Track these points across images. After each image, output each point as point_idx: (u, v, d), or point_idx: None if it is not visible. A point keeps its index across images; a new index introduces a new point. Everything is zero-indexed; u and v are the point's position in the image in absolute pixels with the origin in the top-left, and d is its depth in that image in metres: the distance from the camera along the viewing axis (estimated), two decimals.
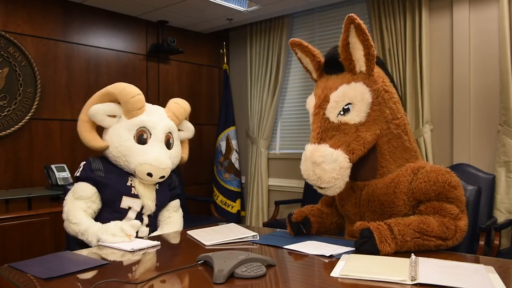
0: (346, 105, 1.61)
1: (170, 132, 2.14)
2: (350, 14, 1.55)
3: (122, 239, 1.75)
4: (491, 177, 3.11)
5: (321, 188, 1.62)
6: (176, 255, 1.69)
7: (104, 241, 1.75)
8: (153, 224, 2.12)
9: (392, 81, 1.75)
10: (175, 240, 1.94)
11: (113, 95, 2.05)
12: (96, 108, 2.02)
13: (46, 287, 1.23)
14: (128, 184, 2.03)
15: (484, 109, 3.26)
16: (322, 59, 1.76)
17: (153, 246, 1.69)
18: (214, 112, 4.97)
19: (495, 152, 3.15)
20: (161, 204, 2.15)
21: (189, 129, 2.37)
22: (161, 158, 2.01)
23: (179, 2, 3.75)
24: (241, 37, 4.88)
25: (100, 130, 2.12)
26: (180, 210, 2.34)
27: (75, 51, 3.79)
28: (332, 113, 1.62)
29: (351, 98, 1.60)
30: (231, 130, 4.76)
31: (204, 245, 1.69)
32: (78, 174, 2.03)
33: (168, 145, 2.13)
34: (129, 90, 2.03)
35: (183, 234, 1.94)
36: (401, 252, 1.47)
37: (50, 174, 3.20)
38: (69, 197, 2.00)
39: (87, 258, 1.54)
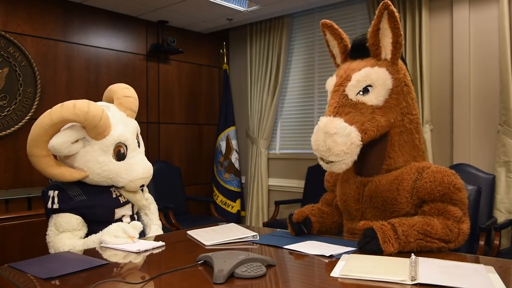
0: (366, 86, 1.63)
1: (137, 132, 2.05)
2: (385, 1, 1.58)
3: (125, 241, 1.74)
4: (491, 177, 3.11)
5: (327, 163, 1.62)
6: (176, 255, 1.69)
7: (107, 243, 1.73)
8: (140, 217, 2.14)
9: (411, 80, 1.78)
10: (175, 240, 1.94)
11: (73, 121, 1.79)
12: (60, 142, 1.77)
13: (46, 287, 1.23)
14: (114, 196, 1.97)
15: (484, 109, 3.26)
16: (349, 44, 1.79)
17: (158, 247, 1.69)
18: (214, 112, 4.97)
19: (495, 152, 3.15)
20: None
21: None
22: (147, 166, 1.95)
23: (179, 2, 3.75)
24: (241, 37, 4.88)
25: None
26: (146, 188, 2.26)
27: (75, 51, 3.79)
28: (352, 91, 1.64)
29: (372, 80, 1.62)
30: (231, 130, 4.77)
31: (204, 245, 1.69)
32: (56, 207, 1.83)
33: (138, 145, 2.03)
34: (94, 114, 1.78)
35: (183, 234, 1.94)
36: (403, 252, 1.46)
37: None
38: (52, 232, 1.83)
39: (87, 258, 1.54)
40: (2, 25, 3.35)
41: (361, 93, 1.63)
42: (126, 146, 1.93)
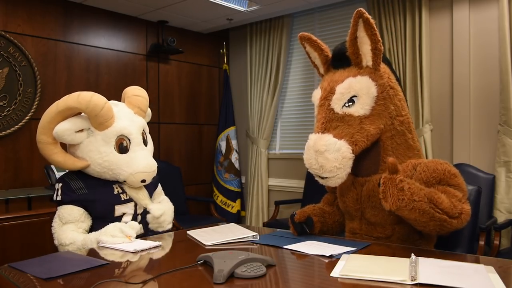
0: (351, 97, 1.63)
1: (143, 130, 2.08)
2: (359, 9, 1.58)
3: (122, 240, 1.75)
4: (491, 177, 3.11)
5: (322, 178, 1.62)
6: (176, 255, 1.69)
7: (104, 243, 1.74)
8: (144, 217, 2.11)
9: (397, 80, 1.77)
10: (175, 240, 1.94)
11: (77, 109, 1.87)
12: (63, 129, 1.84)
13: (46, 287, 1.23)
14: (116, 192, 1.99)
15: (484, 109, 3.26)
16: (330, 54, 1.79)
17: (154, 247, 1.69)
18: (214, 112, 4.97)
19: (495, 152, 3.15)
20: (152, 197, 2.17)
21: (149, 115, 2.28)
22: (150, 162, 1.98)
23: (179, 2, 3.75)
24: (241, 37, 4.88)
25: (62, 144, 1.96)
26: (163, 192, 2.33)
27: (75, 51, 3.79)
28: (337, 104, 1.64)
29: (356, 91, 1.62)
30: (231, 130, 4.76)
31: (204, 245, 1.69)
32: (59, 199, 1.92)
33: (145, 142, 2.07)
34: (95, 103, 1.85)
35: (183, 234, 1.94)
36: (401, 252, 1.46)
37: (50, 174, 3.19)
38: (56, 224, 1.91)
39: (87, 258, 1.54)
40: (2, 25, 3.35)
41: (346, 105, 1.63)
42: (129, 140, 1.96)
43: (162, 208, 2.10)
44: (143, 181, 1.97)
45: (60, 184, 1.95)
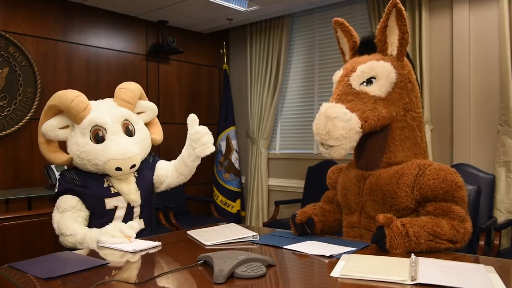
0: (370, 78, 1.67)
1: (126, 120, 2.06)
2: None
3: (121, 240, 1.75)
4: (491, 177, 3.11)
5: (326, 148, 1.64)
6: (176, 255, 1.69)
7: (104, 243, 1.75)
8: (146, 210, 2.11)
9: (416, 80, 1.80)
10: (175, 240, 1.94)
11: (54, 106, 1.98)
12: (46, 126, 1.97)
13: (46, 287, 1.23)
14: (106, 185, 2.00)
15: (484, 109, 3.26)
16: (358, 41, 1.84)
17: (154, 247, 1.69)
18: (214, 112, 4.97)
19: (495, 152, 3.15)
20: (146, 189, 2.13)
21: (150, 108, 2.28)
22: (123, 148, 1.94)
23: (179, 2, 3.75)
24: (241, 37, 4.88)
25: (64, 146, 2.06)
26: (165, 162, 2.30)
27: (75, 51, 3.79)
28: (356, 81, 1.68)
29: (377, 72, 1.66)
30: (231, 130, 4.77)
31: (204, 245, 1.69)
32: (56, 190, 2.00)
33: (129, 133, 2.06)
34: (66, 96, 1.95)
35: (183, 234, 1.94)
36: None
37: (50, 174, 3.19)
38: (55, 214, 1.97)
39: (87, 258, 1.54)
40: (2, 25, 3.35)
41: (364, 83, 1.67)
42: (105, 130, 1.98)
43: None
44: (119, 169, 1.92)
45: (58, 177, 2.03)
